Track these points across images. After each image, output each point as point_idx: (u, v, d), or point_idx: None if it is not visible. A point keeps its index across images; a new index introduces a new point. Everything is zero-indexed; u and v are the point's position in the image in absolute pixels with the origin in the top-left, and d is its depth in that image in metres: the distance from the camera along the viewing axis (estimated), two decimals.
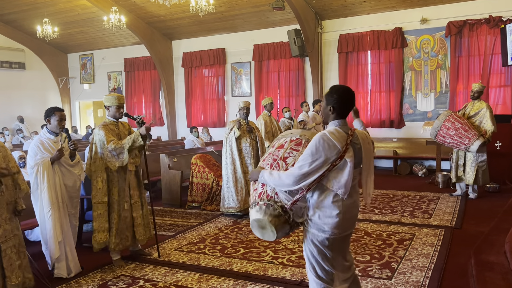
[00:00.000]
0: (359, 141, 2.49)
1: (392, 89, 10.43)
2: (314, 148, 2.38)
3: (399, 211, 6.29)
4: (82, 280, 4.09)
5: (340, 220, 2.45)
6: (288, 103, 11.67)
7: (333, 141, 2.38)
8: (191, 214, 6.64)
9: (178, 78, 13.66)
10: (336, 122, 2.52)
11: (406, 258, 4.34)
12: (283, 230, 2.50)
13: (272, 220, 2.44)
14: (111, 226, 4.32)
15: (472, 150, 6.57)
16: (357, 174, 2.53)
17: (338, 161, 2.38)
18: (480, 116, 6.77)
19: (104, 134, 4.26)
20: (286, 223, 2.48)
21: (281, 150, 2.62)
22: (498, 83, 9.44)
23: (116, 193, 4.35)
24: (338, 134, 2.42)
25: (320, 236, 2.49)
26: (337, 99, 2.50)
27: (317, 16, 10.89)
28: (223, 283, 3.90)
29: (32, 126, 13.94)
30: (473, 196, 6.97)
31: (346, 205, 2.47)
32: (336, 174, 2.41)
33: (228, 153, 6.37)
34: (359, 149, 2.49)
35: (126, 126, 4.62)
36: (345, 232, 2.53)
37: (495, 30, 9.23)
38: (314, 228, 2.50)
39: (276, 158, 2.61)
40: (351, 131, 2.48)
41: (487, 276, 3.25)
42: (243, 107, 6.46)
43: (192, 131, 10.41)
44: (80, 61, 15.51)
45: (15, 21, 13.28)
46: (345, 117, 2.54)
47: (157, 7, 11.09)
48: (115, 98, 4.39)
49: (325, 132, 2.43)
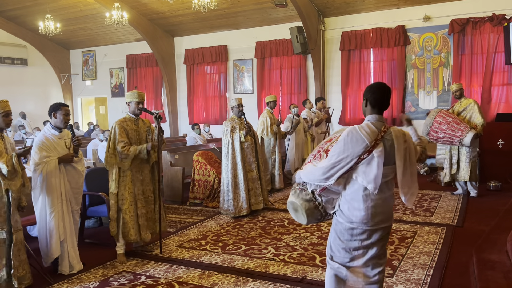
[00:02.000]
0: (391, 137, 2.48)
1: (395, 87, 10.41)
2: (343, 141, 2.44)
3: (400, 209, 6.29)
4: (84, 276, 4.10)
5: (368, 214, 2.47)
6: (290, 100, 11.66)
7: (361, 135, 2.41)
8: (193, 211, 6.65)
9: (180, 75, 13.66)
10: (370, 117, 2.55)
11: (407, 256, 4.34)
12: (314, 216, 2.65)
13: (303, 204, 2.61)
14: (127, 219, 4.44)
15: (465, 142, 6.51)
16: (390, 171, 2.51)
17: (365, 155, 2.40)
18: (469, 111, 6.78)
19: (118, 133, 4.43)
20: (316, 209, 2.62)
21: (327, 143, 2.69)
22: (501, 82, 9.42)
23: (131, 187, 4.48)
24: (369, 129, 2.45)
25: (347, 226, 2.54)
26: (370, 91, 2.56)
27: (320, 13, 10.86)
28: (224, 279, 3.91)
29: (34, 122, 13.95)
30: (474, 193, 6.95)
31: (375, 199, 2.48)
32: (364, 168, 2.44)
33: (230, 156, 6.10)
34: (391, 146, 2.47)
35: (147, 123, 4.73)
36: (375, 226, 2.51)
37: (499, 28, 9.19)
38: (343, 219, 2.55)
39: (321, 150, 2.69)
40: (385, 127, 2.49)
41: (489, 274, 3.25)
42: (238, 105, 6.26)
43: (194, 128, 10.42)
44: (82, 57, 15.52)
45: (18, 17, 13.28)
46: (381, 112, 2.57)
47: (160, 3, 11.09)
48: (135, 94, 4.55)
49: (356, 126, 2.48)
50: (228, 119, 6.39)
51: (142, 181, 4.61)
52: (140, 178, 4.59)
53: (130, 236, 4.47)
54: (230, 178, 6.09)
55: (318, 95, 10.86)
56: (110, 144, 4.44)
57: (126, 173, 4.47)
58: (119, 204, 4.45)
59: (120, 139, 4.39)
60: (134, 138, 4.55)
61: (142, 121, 4.69)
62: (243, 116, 6.26)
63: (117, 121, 4.53)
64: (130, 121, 4.57)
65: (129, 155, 4.38)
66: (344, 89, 10.94)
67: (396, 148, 2.48)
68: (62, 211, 4.08)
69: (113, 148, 4.42)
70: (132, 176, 4.50)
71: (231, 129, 6.18)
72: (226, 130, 6.20)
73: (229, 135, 6.16)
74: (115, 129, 4.45)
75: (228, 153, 6.13)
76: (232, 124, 6.22)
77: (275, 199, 7.24)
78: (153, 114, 4.57)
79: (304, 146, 8.70)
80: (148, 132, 4.68)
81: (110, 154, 4.43)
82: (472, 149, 6.74)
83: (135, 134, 4.56)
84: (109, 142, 4.46)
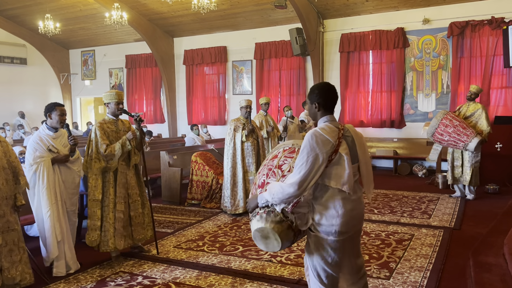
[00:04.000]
0: (350, 133, 2.48)
1: (393, 89, 10.42)
2: (308, 146, 2.34)
3: (398, 211, 6.29)
4: (80, 276, 4.09)
5: (347, 219, 2.39)
6: (289, 102, 11.67)
7: (325, 136, 2.36)
8: (191, 212, 6.64)
9: (179, 76, 13.66)
10: (325, 118, 2.51)
11: (404, 258, 4.34)
12: (288, 238, 2.41)
13: (275, 227, 2.35)
14: (108, 226, 4.25)
15: (470, 147, 6.54)
16: (356, 170, 2.48)
17: (333, 155, 2.35)
18: (476, 117, 6.79)
19: (99, 135, 4.25)
20: (289, 229, 2.40)
21: (275, 160, 2.61)
22: (500, 85, 9.43)
23: (113, 193, 4.29)
24: (329, 129, 2.41)
25: (329, 239, 2.41)
26: (318, 94, 2.50)
27: (319, 15, 10.87)
28: (221, 280, 3.91)
29: (33, 121, 13.95)
30: (470, 197, 6.96)
31: (351, 202, 2.42)
32: (335, 170, 2.38)
33: (230, 155, 6.28)
34: (352, 142, 2.46)
35: (127, 124, 4.58)
36: (352, 231, 2.46)
37: (497, 31, 9.21)
38: (322, 231, 2.42)
39: (271, 167, 2.59)
40: (341, 125, 2.48)
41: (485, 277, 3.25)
42: (246, 106, 6.33)
43: (193, 128, 10.42)
44: (82, 57, 15.51)
45: (17, 17, 13.28)
46: (332, 112, 2.53)
47: (159, 4, 11.09)
48: (114, 94, 4.38)
49: (316, 129, 2.41)
50: (234, 118, 6.50)
51: (124, 184, 4.40)
52: (123, 181, 4.40)
53: (110, 244, 4.25)
54: (229, 176, 6.24)
55: None
56: (93, 148, 4.24)
57: (108, 178, 4.29)
58: (103, 212, 4.27)
59: (102, 142, 4.22)
60: (114, 140, 4.35)
61: (122, 122, 4.53)
62: (249, 117, 6.35)
63: (96, 123, 4.37)
64: (109, 122, 4.41)
65: (115, 153, 4.20)
66: (343, 91, 10.95)
67: (357, 144, 2.48)
68: (57, 211, 4.07)
69: (96, 152, 4.23)
70: (115, 180, 4.32)
71: (235, 128, 6.32)
72: (230, 129, 6.37)
73: (232, 134, 6.31)
74: (95, 132, 4.26)
75: (229, 152, 6.29)
76: (237, 123, 6.35)
77: None
78: (133, 117, 4.42)
79: None
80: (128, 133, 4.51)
81: (94, 159, 4.21)
82: (475, 154, 6.74)
83: (115, 136, 4.38)
84: (89, 146, 4.27)
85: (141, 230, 4.54)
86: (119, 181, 4.37)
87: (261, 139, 6.57)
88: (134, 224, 4.50)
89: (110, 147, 4.25)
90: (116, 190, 4.33)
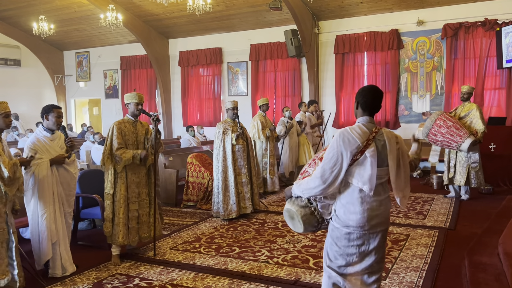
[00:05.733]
0: (383, 138, 2.50)
1: (388, 90, 10.47)
2: (335, 143, 2.44)
3: (393, 212, 6.32)
4: (77, 278, 4.08)
5: (364, 217, 2.45)
6: (284, 103, 11.69)
7: (352, 136, 2.43)
8: (187, 213, 6.64)
9: (175, 77, 13.65)
10: (361, 119, 2.57)
11: (400, 259, 4.37)
12: (311, 223, 2.60)
13: (299, 210, 2.58)
14: (118, 221, 4.41)
15: (463, 148, 6.54)
16: (384, 173, 2.51)
17: (358, 155, 2.41)
18: (470, 117, 6.82)
19: (115, 134, 4.40)
20: (312, 215, 2.59)
21: (322, 152, 2.68)
22: (493, 86, 9.52)
23: (124, 189, 4.43)
24: (360, 130, 2.47)
25: (344, 231, 2.51)
26: (361, 94, 2.58)
27: (314, 16, 10.91)
28: (218, 282, 3.91)
29: (27, 123, 13.85)
30: (465, 198, 7.00)
31: (371, 202, 2.46)
32: (358, 170, 2.44)
33: (221, 158, 6.11)
34: (383, 146, 2.49)
35: (145, 126, 4.70)
36: (371, 230, 2.49)
37: (491, 32, 9.29)
38: (339, 223, 2.52)
39: (316, 158, 2.69)
40: (376, 128, 2.51)
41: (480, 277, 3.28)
42: (233, 107, 6.24)
43: (188, 130, 10.41)
44: (76, 58, 15.46)
45: (11, 18, 13.21)
46: (372, 114, 2.58)
47: (154, 5, 11.08)
48: (134, 95, 4.53)
49: (347, 128, 2.49)
50: (221, 121, 6.38)
51: (138, 184, 4.56)
52: (136, 180, 4.54)
53: (118, 238, 4.42)
54: (220, 181, 6.09)
55: (312, 98, 10.90)
56: (107, 145, 4.42)
57: (121, 175, 4.44)
58: (114, 205, 4.43)
59: (116, 140, 4.37)
60: (132, 140, 4.51)
61: (141, 124, 4.66)
62: (236, 119, 6.25)
63: (115, 122, 4.51)
64: (128, 122, 4.55)
65: (123, 159, 4.34)
66: (338, 92, 11.00)
67: (388, 149, 2.49)
68: (54, 213, 4.06)
69: (109, 149, 4.40)
70: (127, 178, 4.47)
71: (223, 131, 6.18)
72: (219, 132, 6.21)
73: (221, 138, 6.16)
74: (112, 130, 4.43)
75: (219, 156, 6.14)
76: (225, 126, 6.21)
77: (269, 201, 7.25)
78: (151, 116, 4.55)
79: (300, 149, 8.72)
80: (146, 135, 4.64)
81: (106, 155, 4.40)
82: (471, 154, 6.76)
83: (133, 137, 4.53)
84: (106, 143, 4.44)
85: (146, 228, 4.66)
86: (133, 180, 4.51)
87: (250, 141, 6.52)
88: (141, 222, 4.61)
89: (123, 150, 4.37)
90: (129, 189, 4.48)
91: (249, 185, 6.22)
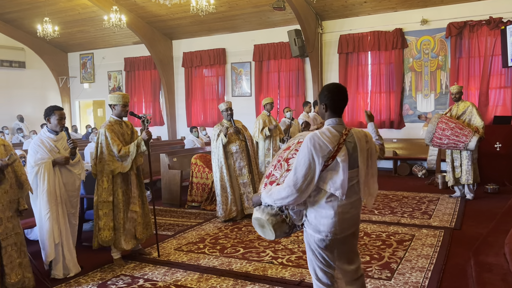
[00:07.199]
0: (354, 140, 2.44)
1: (392, 90, 10.44)
2: (306, 149, 2.34)
3: (398, 212, 6.29)
4: (81, 279, 4.09)
5: (336, 221, 2.41)
6: (288, 103, 11.68)
7: (323, 141, 2.34)
8: (191, 214, 6.64)
9: (178, 78, 13.66)
10: (330, 121, 2.48)
11: (405, 259, 4.34)
12: (282, 230, 2.55)
13: (270, 219, 2.50)
14: (118, 226, 4.36)
15: (470, 147, 6.55)
16: (355, 175, 2.46)
17: (330, 161, 2.34)
18: (468, 114, 6.81)
19: (110, 137, 4.28)
20: (284, 222, 2.53)
21: (286, 152, 2.62)
22: (498, 85, 9.46)
23: (121, 193, 4.37)
24: (330, 134, 2.39)
25: (316, 237, 2.46)
26: (327, 95, 2.48)
27: (318, 16, 10.89)
28: (222, 283, 3.90)
29: (32, 125, 13.93)
30: (470, 197, 6.96)
31: (343, 205, 2.42)
32: (330, 175, 2.38)
33: (216, 160, 6.17)
34: (353, 148, 2.43)
35: (129, 126, 4.62)
36: (342, 233, 2.46)
37: (496, 31, 9.23)
38: (311, 228, 2.47)
39: (280, 159, 2.61)
40: (346, 130, 2.44)
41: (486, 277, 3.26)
42: (226, 109, 6.22)
43: (192, 131, 10.42)
44: (80, 60, 15.51)
45: (16, 20, 13.28)
46: (339, 114, 2.50)
47: (158, 6, 11.10)
48: (121, 96, 4.40)
49: (316, 132, 2.40)
50: (218, 123, 6.38)
51: (130, 186, 4.47)
52: (135, 182, 4.52)
53: (120, 244, 4.38)
54: (218, 182, 6.12)
55: (316, 98, 10.88)
56: (103, 150, 4.27)
57: (116, 180, 4.34)
58: (114, 212, 4.35)
59: (114, 143, 4.26)
60: (121, 141, 4.40)
61: (125, 124, 4.56)
62: (231, 119, 6.23)
63: (105, 126, 4.36)
64: (116, 124, 4.43)
65: (130, 154, 4.26)
66: None
67: (359, 150, 2.44)
68: (57, 213, 4.07)
69: (108, 154, 4.26)
70: (121, 182, 4.38)
71: (219, 133, 6.19)
72: (214, 134, 6.23)
73: (217, 139, 6.19)
74: (105, 135, 4.27)
75: (215, 157, 6.18)
76: (221, 128, 6.22)
77: None
78: (141, 118, 4.45)
79: None
80: (132, 135, 4.55)
81: (107, 161, 4.26)
82: (474, 152, 6.78)
83: (121, 138, 4.42)
84: (97, 148, 4.30)
85: (142, 229, 4.61)
86: (124, 182, 4.41)
87: (250, 139, 6.51)
88: (136, 223, 4.56)
89: (124, 148, 4.30)
90: (124, 191, 4.40)
91: (251, 185, 6.23)
